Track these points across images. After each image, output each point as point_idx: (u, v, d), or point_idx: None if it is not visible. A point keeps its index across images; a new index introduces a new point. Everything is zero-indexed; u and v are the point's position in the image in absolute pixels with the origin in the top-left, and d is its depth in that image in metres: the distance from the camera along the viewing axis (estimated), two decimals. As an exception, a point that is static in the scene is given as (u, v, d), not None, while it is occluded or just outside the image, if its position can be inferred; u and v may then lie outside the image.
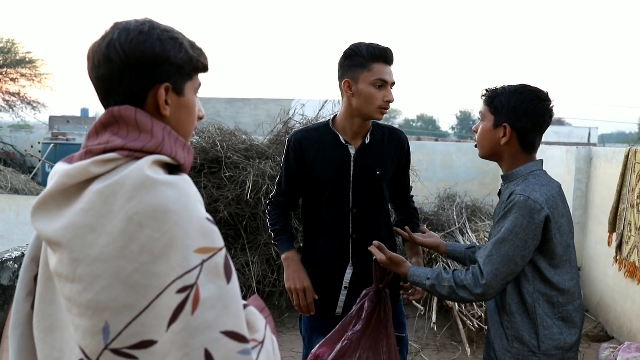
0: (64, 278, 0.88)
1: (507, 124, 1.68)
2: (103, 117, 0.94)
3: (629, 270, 3.90)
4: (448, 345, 4.04)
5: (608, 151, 4.75)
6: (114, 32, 0.95)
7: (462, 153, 8.04)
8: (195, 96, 1.04)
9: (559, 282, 1.66)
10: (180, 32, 1.00)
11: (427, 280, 1.71)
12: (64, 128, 20.17)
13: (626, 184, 4.02)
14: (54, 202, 0.90)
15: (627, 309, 4.03)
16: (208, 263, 0.86)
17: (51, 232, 0.88)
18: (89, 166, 0.88)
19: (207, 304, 0.85)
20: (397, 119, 66.09)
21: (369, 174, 2.06)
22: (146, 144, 0.91)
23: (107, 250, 0.85)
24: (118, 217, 0.85)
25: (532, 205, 1.58)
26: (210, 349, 0.84)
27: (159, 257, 0.85)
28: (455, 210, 6.27)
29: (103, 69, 0.94)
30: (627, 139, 42.95)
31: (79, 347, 0.88)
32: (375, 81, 1.95)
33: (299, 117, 5.25)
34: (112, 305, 0.85)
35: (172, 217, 0.85)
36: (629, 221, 3.91)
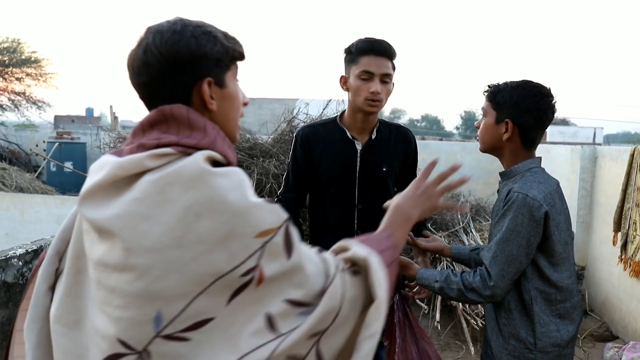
0: (112, 267, 0.87)
1: (510, 120, 1.67)
2: (152, 116, 0.95)
3: (634, 270, 3.88)
4: (452, 344, 4.04)
5: (613, 150, 4.73)
6: (148, 36, 0.95)
7: (467, 153, 8.02)
8: (237, 84, 1.04)
9: (558, 280, 1.66)
10: (212, 25, 1.00)
11: (435, 283, 1.71)
12: (69, 127, 20.22)
13: (631, 183, 4.00)
14: (102, 192, 0.89)
15: (632, 308, 4.01)
16: (269, 245, 0.87)
17: (103, 221, 0.87)
18: (144, 159, 0.88)
19: (271, 279, 0.88)
20: (402, 119, 65.99)
21: (375, 170, 2.07)
22: (200, 141, 0.92)
23: (162, 240, 0.84)
24: (175, 207, 0.85)
25: (530, 202, 1.59)
26: (271, 314, 0.88)
27: (216, 246, 0.85)
28: (460, 209, 6.26)
29: (144, 76, 0.95)
30: (633, 139, 42.76)
31: (119, 340, 0.86)
32: (361, 74, 1.96)
33: (303, 116, 5.25)
34: (166, 295, 0.84)
35: (230, 207, 0.86)
36: (634, 220, 3.89)
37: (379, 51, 1.96)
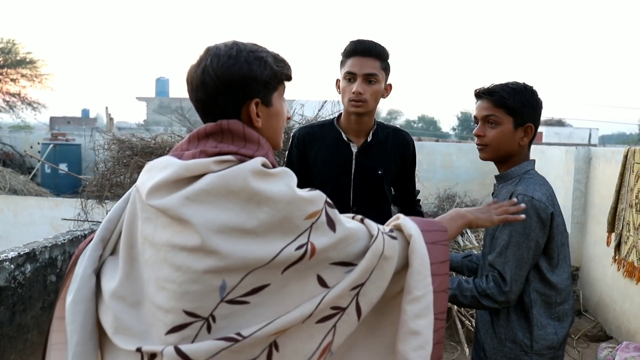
0: (180, 248, 1.01)
1: (532, 124, 1.69)
2: (209, 127, 1.10)
3: (627, 270, 3.89)
4: (447, 345, 4.04)
5: (607, 151, 4.75)
6: (207, 58, 1.10)
7: (463, 154, 8.05)
8: (283, 101, 1.19)
9: (558, 282, 1.66)
10: (265, 49, 1.14)
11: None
12: (64, 129, 20.16)
13: (625, 184, 4.02)
14: (167, 187, 1.03)
15: (625, 309, 4.03)
16: (316, 224, 1.06)
17: (176, 209, 1.01)
18: (210, 164, 1.03)
19: (322, 250, 1.06)
20: (399, 120, 66.08)
21: (371, 173, 2.06)
22: (255, 152, 1.09)
23: (228, 224, 1.00)
24: (239, 196, 1.01)
25: (537, 205, 1.59)
26: (321, 274, 1.07)
27: (273, 229, 1.02)
28: (455, 210, 6.28)
29: (200, 93, 1.11)
30: (628, 140, 42.91)
31: (185, 311, 1.00)
32: (345, 75, 1.97)
33: (298, 118, 5.25)
34: (229, 267, 1.00)
35: (285, 198, 1.03)
36: (628, 221, 3.91)
37: (362, 51, 1.95)
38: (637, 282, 3.75)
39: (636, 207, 3.81)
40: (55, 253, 3.72)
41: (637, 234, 3.75)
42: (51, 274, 3.66)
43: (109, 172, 4.73)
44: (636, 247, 3.76)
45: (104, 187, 4.69)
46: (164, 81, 27.25)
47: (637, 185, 3.82)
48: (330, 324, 1.08)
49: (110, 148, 4.90)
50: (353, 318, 1.10)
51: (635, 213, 3.80)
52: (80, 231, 4.25)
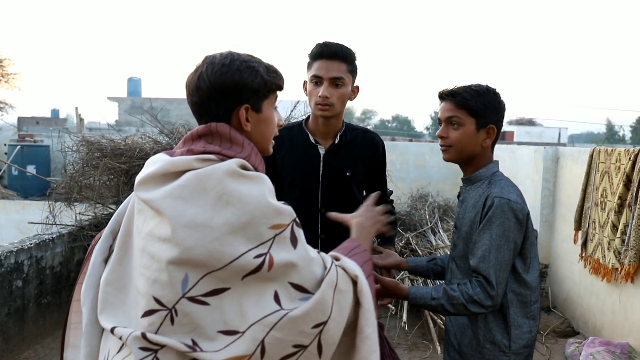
0: (157, 238, 1.09)
1: (494, 125, 1.70)
2: (200, 129, 1.19)
3: (593, 267, 3.99)
4: (419, 344, 4.08)
5: (574, 151, 4.86)
6: (204, 65, 1.20)
7: (435, 153, 8.12)
8: (274, 110, 1.28)
9: (532, 281, 1.69)
10: (258, 59, 1.24)
11: (432, 300, 1.66)
12: (33, 129, 19.68)
13: (591, 183, 4.12)
14: (154, 181, 1.13)
15: (592, 305, 4.13)
16: (279, 237, 1.10)
17: (154, 200, 1.10)
18: (193, 161, 1.12)
19: (279, 264, 1.09)
20: (373, 119, 66.43)
21: (339, 175, 2.06)
22: (238, 153, 1.17)
23: (196, 220, 1.06)
24: (210, 195, 1.08)
25: (515, 206, 1.61)
26: (279, 292, 1.10)
27: (237, 230, 1.07)
28: (428, 210, 6.34)
29: (195, 97, 1.20)
30: (596, 139, 44.06)
31: (154, 297, 1.08)
32: (312, 78, 1.97)
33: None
34: (193, 262, 1.05)
35: (253, 201, 1.09)
36: (594, 219, 4.01)
37: (329, 55, 1.94)
38: (603, 278, 3.85)
39: (601, 206, 3.91)
40: (21, 258, 3.63)
41: (602, 231, 3.85)
42: (17, 279, 3.58)
43: (77, 174, 4.63)
44: (601, 244, 3.86)
45: (72, 189, 4.59)
46: (136, 81, 26.85)
47: (602, 184, 3.92)
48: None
49: (79, 150, 4.80)
50: (314, 357, 1.12)
51: (601, 211, 3.91)
52: (48, 235, 4.16)
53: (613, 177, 3.78)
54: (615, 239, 3.64)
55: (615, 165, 3.76)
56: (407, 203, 6.74)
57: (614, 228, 3.68)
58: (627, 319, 3.60)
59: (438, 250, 5.10)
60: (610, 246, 3.72)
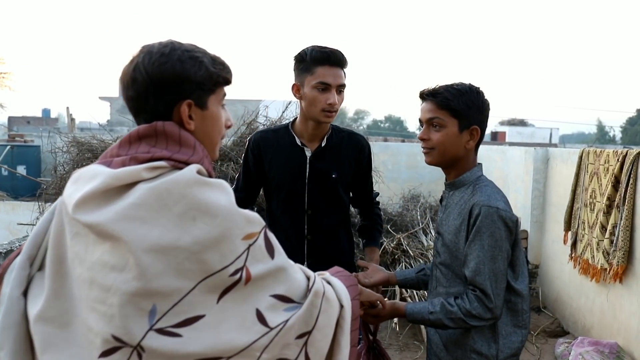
0: (110, 267, 0.94)
1: (477, 127, 1.62)
2: (142, 129, 1.04)
3: (583, 268, 4.02)
4: (410, 344, 4.09)
5: (564, 152, 4.89)
6: (140, 55, 1.06)
7: (427, 154, 8.15)
8: (221, 108, 1.14)
9: (521, 290, 1.64)
10: (202, 49, 1.09)
11: (430, 315, 1.61)
12: (24, 129, 19.52)
13: (580, 183, 4.15)
14: (95, 200, 0.96)
15: (581, 305, 4.16)
16: (253, 247, 0.99)
17: (105, 225, 0.94)
18: (141, 171, 0.97)
19: (257, 278, 0.99)
20: (366, 119, 66.51)
21: (325, 177, 2.07)
22: (190, 157, 1.03)
23: (161, 242, 0.93)
24: (172, 211, 0.94)
25: (504, 215, 1.55)
26: (261, 310, 0.99)
27: (209, 247, 0.95)
28: (419, 210, 6.35)
29: (131, 90, 1.06)
30: (587, 139, 44.39)
31: (113, 336, 0.92)
32: (318, 84, 1.95)
33: (262, 119, 5.23)
34: (162, 291, 0.92)
35: (222, 211, 0.97)
36: (583, 220, 4.04)
37: (335, 62, 1.96)
38: (592, 279, 3.88)
39: (590, 206, 3.94)
40: (10, 259, 3.62)
41: (591, 232, 3.88)
42: (6, 281, 3.56)
43: (68, 175, 4.61)
44: (591, 245, 3.89)
45: (63, 190, 4.55)
46: (128, 81, 26.63)
47: (592, 185, 3.95)
48: None
49: (69, 150, 4.77)
50: None
51: (590, 212, 3.94)
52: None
53: (602, 178, 3.81)
54: (604, 240, 3.67)
55: (604, 166, 3.79)
56: (398, 204, 6.75)
57: (602, 229, 3.71)
58: (616, 318, 3.63)
59: (429, 250, 5.11)
60: (599, 247, 3.75)
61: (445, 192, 1.74)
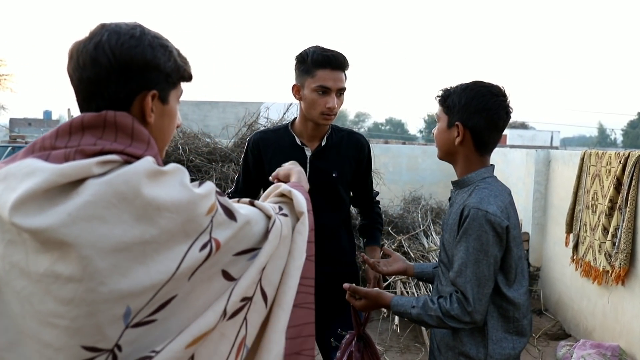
0: (66, 279, 0.83)
1: (460, 123, 1.61)
2: (88, 118, 0.92)
3: (584, 270, 4.00)
4: (411, 346, 4.07)
5: (565, 154, 4.88)
6: (103, 33, 0.93)
7: (428, 156, 8.13)
8: (177, 104, 1.06)
9: (514, 298, 1.61)
10: (168, 39, 1.01)
11: (412, 309, 1.63)
12: (25, 131, 19.58)
13: (582, 186, 4.14)
14: (36, 200, 0.83)
15: (583, 307, 4.14)
16: (216, 217, 0.94)
17: (52, 229, 0.81)
18: (92, 166, 0.86)
19: (225, 242, 0.96)
20: (367, 122, 66.56)
21: (325, 177, 2.07)
22: (144, 152, 0.93)
23: (125, 239, 0.84)
24: (134, 204, 0.85)
25: (492, 219, 1.53)
26: (226, 268, 0.97)
27: (177, 234, 0.89)
28: (420, 212, 6.34)
29: (89, 71, 0.93)
30: (588, 142, 44.42)
31: (83, 347, 0.84)
32: (318, 88, 1.94)
33: (263, 121, 5.22)
34: (134, 291, 0.85)
35: (184, 197, 0.90)
36: (585, 222, 4.02)
37: (336, 65, 1.95)
38: (594, 281, 3.86)
39: (592, 209, 3.93)
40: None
41: (593, 234, 3.87)
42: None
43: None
44: (592, 247, 3.88)
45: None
46: (129, 82, 26.71)
47: (593, 187, 3.94)
48: (240, 317, 1.00)
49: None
50: (261, 306, 1.04)
51: (592, 214, 3.92)
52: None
53: (604, 180, 3.80)
54: (606, 242, 3.66)
55: (606, 168, 3.78)
56: (399, 206, 6.74)
57: (604, 231, 3.70)
58: (618, 321, 3.61)
59: (430, 253, 5.10)
60: (601, 249, 3.73)
61: (452, 190, 1.76)
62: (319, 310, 2.13)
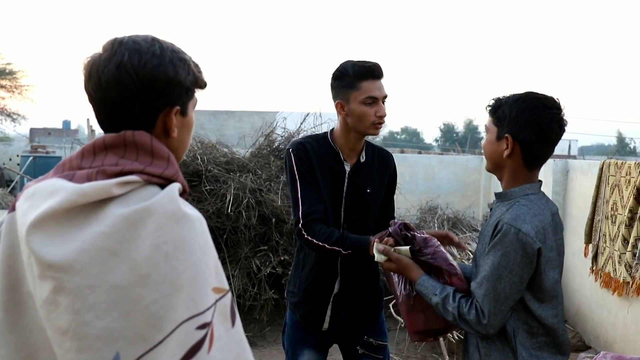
0: (65, 308, 0.81)
1: (509, 135, 1.56)
2: (109, 138, 0.92)
3: (604, 281, 3.96)
4: (429, 357, 4.06)
5: (584, 164, 4.85)
6: (124, 53, 0.92)
7: (444, 165, 8.14)
8: (194, 112, 1.06)
9: (542, 317, 1.56)
10: (183, 50, 1.01)
11: (434, 296, 1.61)
12: (45, 140, 19.92)
13: (601, 196, 4.10)
14: (56, 221, 0.83)
15: (603, 319, 4.09)
16: (220, 303, 0.88)
17: (60, 256, 0.81)
18: (112, 187, 0.85)
19: (217, 344, 0.87)
20: (383, 130, 66.25)
21: (361, 192, 2.08)
22: (164, 170, 0.92)
23: (128, 277, 0.82)
24: (145, 243, 0.83)
25: (523, 238, 1.48)
26: None
27: (179, 289, 0.84)
28: (437, 222, 6.33)
29: (112, 93, 0.93)
30: (606, 151, 43.85)
31: None
32: (366, 99, 1.96)
33: (280, 131, 5.28)
34: (127, 335, 0.82)
35: (198, 251, 0.87)
36: (604, 232, 3.99)
37: (377, 75, 2.00)
38: (614, 292, 3.82)
39: (611, 219, 3.89)
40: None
41: (613, 245, 3.83)
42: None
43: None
44: (612, 258, 3.84)
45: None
46: (147, 92, 27.00)
47: (613, 197, 3.90)
48: None
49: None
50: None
51: (611, 224, 3.89)
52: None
53: (623, 190, 3.76)
54: (626, 253, 3.62)
55: (626, 178, 3.75)
56: (416, 215, 6.74)
57: (624, 241, 3.66)
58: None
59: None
60: (621, 260, 3.69)
61: (494, 201, 1.72)
62: (349, 321, 2.15)
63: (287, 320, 2.19)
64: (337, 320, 2.08)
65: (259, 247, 4.36)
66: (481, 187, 7.87)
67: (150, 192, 0.89)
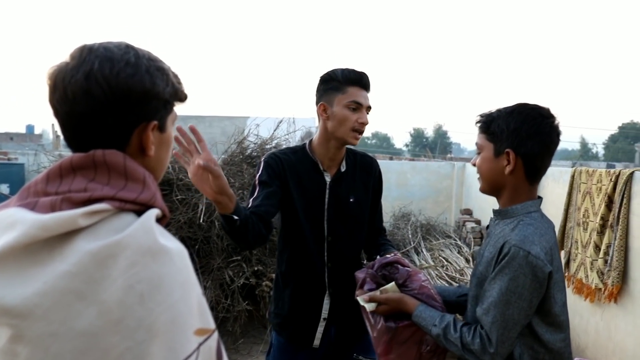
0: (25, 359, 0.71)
1: (511, 150, 1.48)
2: (76, 160, 0.81)
3: (576, 287, 4.01)
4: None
5: (555, 171, 4.92)
6: (94, 61, 0.81)
7: (417, 172, 8.17)
8: (173, 127, 0.95)
9: (549, 342, 1.49)
10: (161, 58, 0.90)
11: (433, 327, 1.54)
12: (7, 146, 19.28)
13: (572, 203, 4.16)
14: (13, 259, 0.73)
15: (575, 324, 4.14)
16: (204, 346, 0.79)
17: (18, 300, 0.70)
18: (78, 218, 0.74)
19: None
20: (353, 136, 66.80)
21: (343, 202, 2.02)
22: (139, 195, 0.81)
23: (98, 323, 0.72)
24: (116, 284, 0.73)
25: (533, 262, 1.40)
26: None
27: (156, 336, 0.74)
28: (411, 229, 6.34)
29: (81, 105, 0.81)
30: (570, 155, 45.25)
31: None
32: (350, 103, 1.92)
33: (253, 137, 5.19)
34: None
35: (178, 290, 0.76)
36: (576, 239, 4.04)
37: (365, 84, 1.97)
38: (586, 298, 3.86)
39: (583, 226, 3.94)
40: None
41: (584, 251, 3.88)
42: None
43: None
44: (584, 264, 3.88)
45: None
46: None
47: (584, 204, 3.96)
48: None
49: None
50: None
51: (583, 231, 3.94)
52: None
53: (595, 198, 3.82)
54: (598, 259, 3.67)
55: (597, 186, 3.81)
56: (389, 222, 6.73)
57: (596, 248, 3.71)
58: (611, 339, 3.61)
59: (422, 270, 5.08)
60: (593, 266, 3.74)
61: (492, 219, 1.62)
62: (339, 337, 2.09)
63: (274, 342, 2.11)
64: (327, 337, 2.03)
65: (232, 258, 4.26)
66: (453, 193, 7.93)
67: (123, 222, 0.78)
